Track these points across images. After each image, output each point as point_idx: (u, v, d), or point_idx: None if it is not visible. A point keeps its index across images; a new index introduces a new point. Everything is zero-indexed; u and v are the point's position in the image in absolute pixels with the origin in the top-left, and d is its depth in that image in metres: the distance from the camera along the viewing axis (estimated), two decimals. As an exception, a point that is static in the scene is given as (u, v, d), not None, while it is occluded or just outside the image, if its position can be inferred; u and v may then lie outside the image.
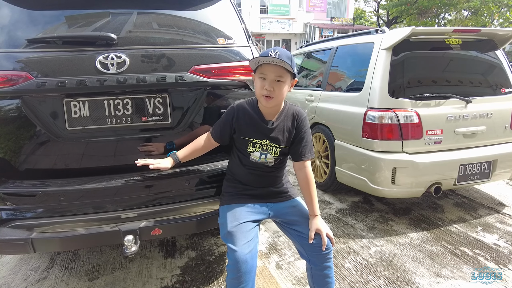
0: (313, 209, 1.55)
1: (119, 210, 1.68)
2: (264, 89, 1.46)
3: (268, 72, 1.46)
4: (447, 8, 25.22)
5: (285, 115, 1.59)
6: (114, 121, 1.65)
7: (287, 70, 1.46)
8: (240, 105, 1.61)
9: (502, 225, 2.71)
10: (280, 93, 1.48)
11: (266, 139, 1.56)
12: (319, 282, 1.52)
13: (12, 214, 1.63)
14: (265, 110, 1.57)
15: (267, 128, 1.56)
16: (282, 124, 1.57)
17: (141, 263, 2.23)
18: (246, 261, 1.39)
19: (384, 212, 2.97)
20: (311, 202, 1.56)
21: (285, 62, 1.41)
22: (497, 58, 2.96)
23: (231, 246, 1.43)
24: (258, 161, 1.58)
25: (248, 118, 1.57)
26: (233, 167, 1.68)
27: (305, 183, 1.58)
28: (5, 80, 1.54)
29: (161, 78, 1.64)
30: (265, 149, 1.57)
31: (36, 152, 1.64)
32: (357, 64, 3.16)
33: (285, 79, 1.48)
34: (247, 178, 1.62)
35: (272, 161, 1.58)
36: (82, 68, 1.59)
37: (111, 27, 1.70)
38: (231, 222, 1.51)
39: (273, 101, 1.49)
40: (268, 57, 1.42)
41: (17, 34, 1.62)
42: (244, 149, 1.59)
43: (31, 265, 2.24)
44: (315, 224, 1.51)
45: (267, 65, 1.46)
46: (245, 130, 1.57)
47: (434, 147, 2.64)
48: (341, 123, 3.05)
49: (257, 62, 1.47)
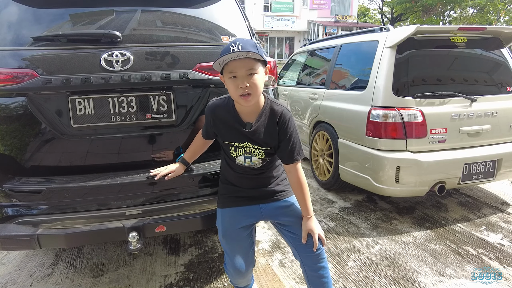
0: (306, 211, 1.49)
1: (124, 207, 1.69)
2: (239, 88, 1.30)
3: (237, 69, 1.30)
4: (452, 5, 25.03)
5: (266, 115, 1.44)
6: (119, 119, 1.66)
7: (257, 60, 1.31)
8: (214, 107, 1.48)
9: (506, 225, 2.69)
10: (256, 87, 1.33)
11: (247, 142, 1.44)
12: (314, 282, 1.50)
13: (18, 210, 1.65)
14: (243, 110, 1.43)
15: (246, 132, 1.43)
16: (263, 125, 1.43)
17: (145, 260, 2.24)
18: (240, 270, 1.53)
19: (387, 211, 2.96)
20: (304, 204, 1.49)
21: (252, 52, 1.26)
22: (503, 56, 2.94)
23: (225, 253, 1.57)
24: (244, 165, 1.49)
25: (225, 122, 1.45)
26: (223, 169, 1.61)
27: (298, 185, 1.49)
28: (11, 77, 1.55)
29: (165, 75, 1.65)
30: (248, 151, 1.46)
31: (41, 149, 1.66)
32: (361, 62, 3.15)
33: (257, 69, 1.32)
34: (238, 181, 1.56)
35: (259, 163, 1.49)
36: (87, 65, 1.59)
37: (116, 25, 1.71)
38: (225, 229, 1.53)
39: (252, 98, 1.34)
40: (231, 54, 1.25)
41: (23, 32, 1.63)
42: (228, 154, 1.50)
43: (37, 261, 2.26)
44: (308, 225, 1.47)
45: (234, 62, 1.29)
46: (224, 134, 1.47)
47: (438, 146, 2.62)
48: (345, 121, 3.04)
49: (221, 63, 1.31)
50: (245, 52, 1.26)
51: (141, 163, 1.76)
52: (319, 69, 4.14)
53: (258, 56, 1.29)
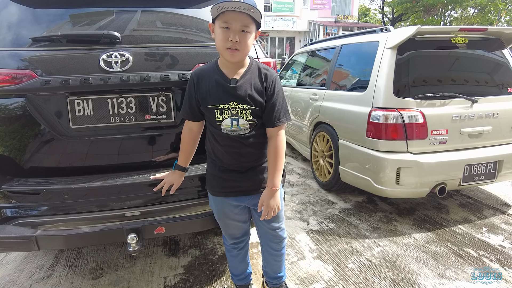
0: (272, 181, 1.43)
1: (123, 208, 1.68)
2: (229, 40, 1.27)
3: (232, 21, 1.26)
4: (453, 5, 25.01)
5: (252, 73, 1.41)
6: (118, 120, 1.65)
7: (252, 19, 1.30)
8: (197, 71, 1.44)
9: (507, 226, 2.68)
10: (246, 45, 1.31)
11: (232, 101, 1.37)
12: (268, 260, 1.73)
13: (17, 211, 1.64)
14: (228, 67, 1.39)
15: (231, 87, 1.37)
16: (248, 82, 1.39)
17: (145, 262, 2.23)
18: (235, 237, 1.69)
19: (388, 212, 2.95)
20: (272, 173, 1.43)
21: (254, 8, 1.24)
22: (504, 57, 2.93)
23: (223, 236, 1.73)
24: (231, 130, 1.39)
25: (209, 82, 1.39)
26: (210, 148, 1.51)
27: (274, 153, 1.43)
28: (10, 78, 1.55)
29: (164, 76, 1.64)
30: (235, 113, 1.37)
31: (40, 150, 1.65)
32: (362, 63, 3.14)
33: (251, 29, 1.30)
34: (226, 158, 1.46)
35: (247, 127, 1.40)
36: (86, 66, 1.59)
37: (115, 26, 1.70)
38: (218, 212, 1.61)
39: (238, 54, 1.31)
40: (234, 2, 1.22)
41: (22, 33, 1.63)
42: (214, 121, 1.40)
43: (36, 263, 2.25)
44: (267, 196, 1.44)
45: (231, 13, 1.25)
46: (208, 96, 1.39)
47: (439, 147, 2.61)
48: (346, 122, 3.03)
49: (220, 9, 1.25)
50: (248, 6, 1.23)
51: (140, 164, 1.76)
52: (319, 70, 4.13)
53: (258, 15, 1.28)
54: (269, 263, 1.73)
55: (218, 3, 1.25)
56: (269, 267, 1.75)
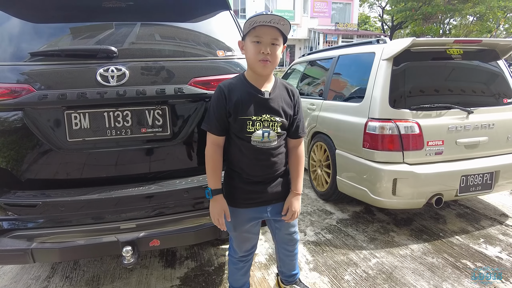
0: (296, 186, 1.59)
1: (118, 220, 1.69)
2: (261, 53, 1.36)
3: (263, 35, 1.35)
4: (452, 13, 25.19)
5: (279, 88, 1.50)
6: (114, 133, 1.67)
7: (281, 33, 1.39)
8: (226, 83, 1.46)
9: (504, 237, 2.68)
10: (276, 57, 1.39)
11: (265, 114, 1.43)
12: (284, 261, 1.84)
13: (12, 224, 1.65)
14: (257, 81, 1.45)
15: (265, 99, 1.43)
16: (279, 95, 1.48)
17: (141, 273, 2.23)
18: (245, 251, 1.70)
19: (385, 223, 2.95)
20: (296, 179, 1.60)
21: (285, 20, 1.34)
22: (499, 68, 2.95)
23: (233, 239, 1.68)
24: (261, 141, 1.43)
25: (241, 93, 1.43)
26: (235, 160, 1.51)
27: (298, 160, 1.60)
28: (8, 92, 1.57)
29: (160, 90, 1.66)
30: (266, 125, 1.44)
31: (37, 163, 1.67)
32: (358, 74, 3.16)
33: (280, 42, 1.40)
34: (253, 170, 1.49)
35: (275, 139, 1.47)
36: (83, 80, 1.61)
37: (112, 40, 1.73)
38: (235, 224, 1.59)
39: (270, 66, 1.39)
40: (266, 16, 1.31)
41: (20, 47, 1.65)
42: (243, 133, 1.43)
43: (32, 274, 2.25)
44: (292, 201, 1.58)
45: (263, 27, 1.35)
46: (240, 108, 1.41)
47: (435, 158, 2.62)
48: (342, 132, 3.05)
49: (252, 23, 1.34)
50: (279, 18, 1.33)
51: (136, 177, 1.77)
52: (317, 80, 4.16)
53: (287, 27, 1.38)
54: (285, 263, 1.86)
55: (251, 18, 1.35)
56: (284, 267, 1.89)
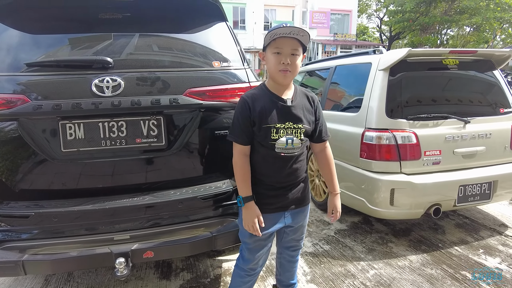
0: (334, 187, 1.66)
1: (112, 232, 1.68)
2: (281, 63, 1.41)
3: (284, 46, 1.40)
4: (449, 24, 25.48)
5: (299, 95, 1.54)
6: (109, 143, 1.67)
7: (300, 43, 1.43)
8: (248, 94, 1.51)
9: (504, 248, 2.65)
10: (296, 67, 1.44)
11: (288, 121, 1.47)
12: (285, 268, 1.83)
13: (5, 235, 1.63)
14: (278, 90, 1.50)
15: (287, 107, 1.48)
16: (301, 102, 1.52)
17: (136, 285, 2.20)
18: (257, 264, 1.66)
19: (383, 233, 2.92)
20: (332, 180, 1.65)
21: (304, 31, 1.38)
22: (495, 78, 2.96)
23: (247, 249, 1.62)
24: (285, 148, 1.46)
25: (265, 102, 1.47)
26: (257, 168, 1.53)
27: (328, 163, 1.65)
28: (3, 102, 1.57)
29: (155, 101, 1.66)
30: (290, 132, 1.47)
31: (30, 173, 1.66)
32: (355, 84, 3.17)
33: (299, 52, 1.44)
34: (276, 177, 1.52)
35: (299, 146, 1.50)
36: (78, 91, 1.61)
37: (108, 51, 1.74)
38: (251, 235, 1.55)
39: (290, 75, 1.44)
40: (286, 28, 1.36)
41: (15, 58, 1.66)
42: (267, 140, 1.46)
43: (26, 286, 2.22)
44: (334, 201, 1.65)
45: (283, 39, 1.40)
46: (264, 116, 1.45)
47: (433, 168, 2.61)
48: (340, 142, 3.04)
49: (272, 36, 1.40)
50: (298, 29, 1.37)
51: (131, 187, 1.76)
52: (314, 90, 4.17)
53: (306, 38, 1.41)
54: (285, 269, 1.85)
55: (271, 30, 1.40)
56: (284, 275, 1.87)
